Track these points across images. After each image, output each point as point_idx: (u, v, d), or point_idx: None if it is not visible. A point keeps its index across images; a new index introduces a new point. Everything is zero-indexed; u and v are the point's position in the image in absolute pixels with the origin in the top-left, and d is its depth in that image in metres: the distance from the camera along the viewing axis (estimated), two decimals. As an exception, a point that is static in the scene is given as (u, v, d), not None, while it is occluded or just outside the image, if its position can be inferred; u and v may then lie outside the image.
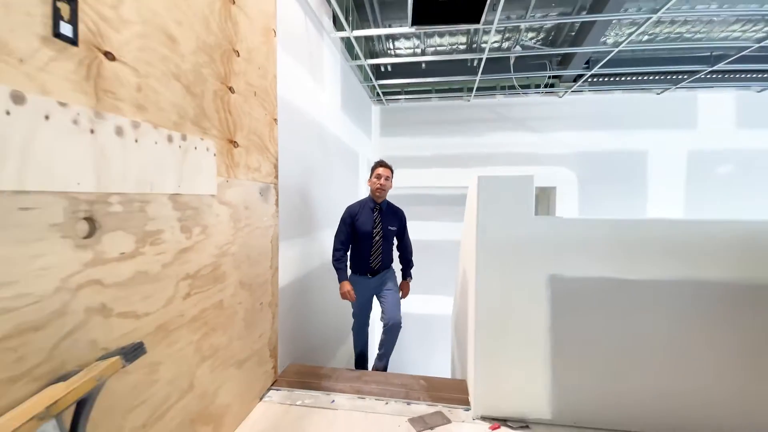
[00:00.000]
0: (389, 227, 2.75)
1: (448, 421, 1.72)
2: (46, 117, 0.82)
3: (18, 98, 0.76)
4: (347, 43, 3.78)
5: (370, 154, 5.17)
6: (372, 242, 2.68)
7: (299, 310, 2.74)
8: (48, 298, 0.83)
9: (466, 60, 4.38)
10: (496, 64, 4.24)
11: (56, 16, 0.84)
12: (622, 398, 1.65)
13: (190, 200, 1.32)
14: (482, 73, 4.20)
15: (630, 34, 3.41)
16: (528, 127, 4.97)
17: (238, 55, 1.63)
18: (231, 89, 1.58)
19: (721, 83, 4.38)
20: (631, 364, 1.64)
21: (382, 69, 4.50)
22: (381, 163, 2.72)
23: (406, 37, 4.05)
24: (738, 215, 4.55)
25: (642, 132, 4.69)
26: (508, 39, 4.07)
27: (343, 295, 2.63)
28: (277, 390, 1.98)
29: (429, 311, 5.58)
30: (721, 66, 3.94)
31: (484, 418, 1.74)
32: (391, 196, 2.93)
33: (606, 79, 4.47)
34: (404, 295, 2.87)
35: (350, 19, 3.34)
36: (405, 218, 2.91)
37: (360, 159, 4.44)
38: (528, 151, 5.00)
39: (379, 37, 4.04)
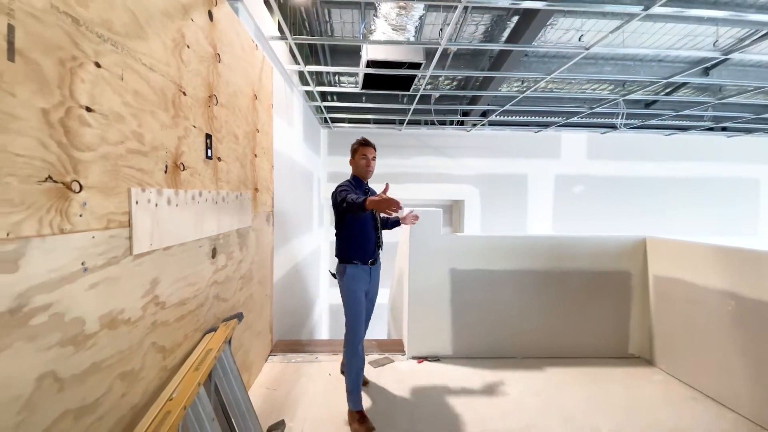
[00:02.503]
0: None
1: (392, 361, 2.77)
2: (205, 200, 1.67)
3: (196, 193, 1.62)
4: (305, 80, 4.59)
5: (320, 171, 6.04)
6: (376, 222, 2.30)
7: (280, 300, 3.57)
8: (203, 290, 1.68)
9: (398, 96, 5.47)
10: (421, 103, 5.41)
11: (206, 146, 1.69)
12: (492, 337, 2.86)
13: (242, 230, 2.17)
14: (412, 113, 5.33)
15: (522, 90, 4.76)
16: (445, 153, 6.31)
17: (258, 131, 2.49)
18: (255, 155, 2.43)
19: (577, 127, 6.11)
20: (497, 317, 2.85)
21: (329, 98, 5.37)
22: (367, 142, 2.33)
23: (350, 74, 4.98)
24: (585, 222, 6.38)
25: (524, 160, 6.31)
26: (430, 84, 5.25)
27: (387, 202, 1.79)
28: (275, 355, 2.85)
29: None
30: (575, 119, 5.58)
31: (413, 357, 2.83)
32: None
33: (501, 119, 5.92)
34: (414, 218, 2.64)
35: (303, 54, 4.16)
36: None
37: (314, 177, 5.30)
38: (445, 172, 6.34)
39: (327, 73, 4.90)
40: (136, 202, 1.15)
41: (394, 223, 2.63)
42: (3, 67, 0.75)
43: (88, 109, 0.97)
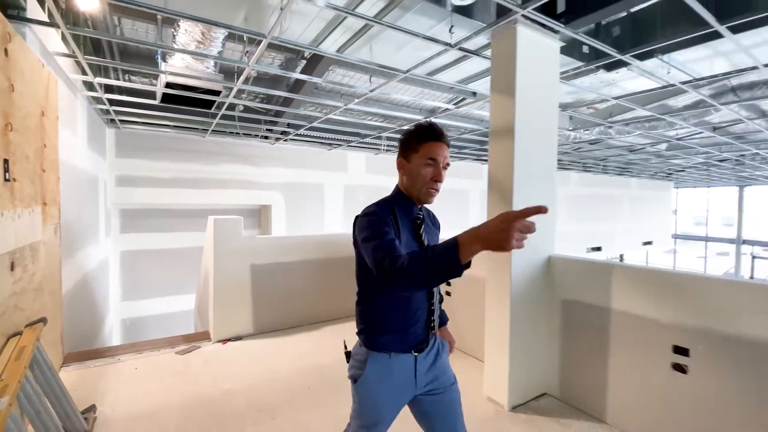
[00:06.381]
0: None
1: (199, 347, 3.27)
2: (5, 219, 1.87)
3: None
4: (91, 84, 4.29)
5: (107, 175, 5.51)
6: None
7: (70, 312, 3.38)
8: (5, 300, 1.86)
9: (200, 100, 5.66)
10: (225, 116, 5.80)
11: (4, 170, 1.87)
12: (287, 312, 3.73)
13: (34, 244, 2.28)
14: (217, 123, 5.63)
15: (316, 117, 5.80)
16: (252, 162, 6.87)
17: (45, 146, 2.54)
18: (44, 170, 2.49)
19: (359, 147, 7.78)
20: (290, 297, 3.74)
21: (117, 95, 5.03)
22: (439, 134, 1.20)
23: (144, 75, 4.87)
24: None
25: (321, 172, 7.62)
26: (235, 96, 5.70)
27: (514, 237, 0.80)
28: (68, 365, 2.88)
29: (174, 309, 6.48)
30: (358, 139, 7.17)
31: (219, 341, 3.40)
32: (130, 212, 3.89)
33: (302, 136, 6.94)
34: (451, 349, 1.46)
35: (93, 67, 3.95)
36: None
37: (99, 181, 4.88)
38: (253, 179, 6.90)
39: (115, 68, 4.63)
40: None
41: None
42: None
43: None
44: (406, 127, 6.53)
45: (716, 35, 2.73)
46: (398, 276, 0.92)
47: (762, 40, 3.47)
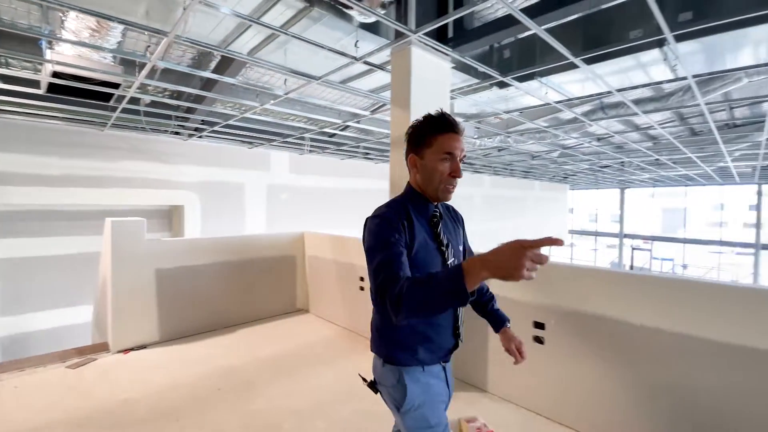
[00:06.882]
0: (459, 247, 1.25)
1: (95, 359, 3.05)
2: None
3: None
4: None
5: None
6: None
7: None
8: None
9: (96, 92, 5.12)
10: (130, 110, 5.34)
11: None
12: (196, 317, 3.62)
13: None
14: (118, 117, 5.15)
15: (242, 112, 5.59)
16: (161, 159, 6.39)
17: None
18: None
19: (282, 147, 7.69)
20: (200, 301, 3.63)
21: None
22: (452, 125, 1.09)
23: (26, 60, 4.28)
24: (291, 222, 8.11)
25: (242, 171, 7.38)
26: (140, 89, 5.26)
27: (526, 267, 0.76)
28: None
29: (67, 323, 5.77)
30: (281, 139, 7.08)
31: (119, 351, 3.20)
32: (8, 214, 3.42)
33: (219, 132, 6.65)
34: (520, 354, 1.31)
35: None
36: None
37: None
38: (162, 177, 6.42)
39: None
40: None
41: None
42: None
43: None
44: (326, 129, 6.69)
45: (575, 65, 3.33)
46: (395, 306, 0.86)
47: (618, 69, 4.26)
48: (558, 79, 4.50)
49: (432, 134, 1.08)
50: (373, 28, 2.95)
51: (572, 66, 3.57)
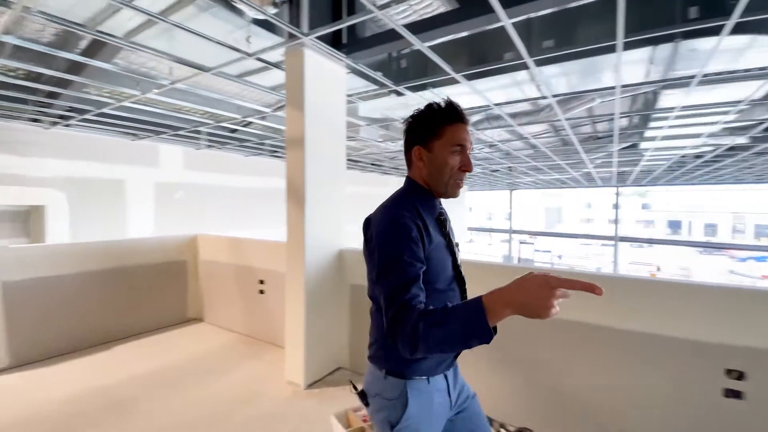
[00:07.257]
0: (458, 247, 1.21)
1: None
2: None
3: None
4: None
5: None
6: (464, 287, 1.11)
7: None
8: None
9: None
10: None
11: None
12: (60, 337, 3.11)
13: None
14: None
15: (120, 100, 4.86)
16: (14, 151, 5.28)
17: None
18: None
19: (174, 140, 6.98)
20: (65, 318, 3.13)
21: None
22: (460, 114, 1.03)
23: None
24: (185, 223, 7.43)
25: (122, 166, 6.48)
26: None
27: (554, 306, 0.74)
28: None
29: None
30: (171, 132, 6.41)
31: None
32: None
33: (91, 121, 5.75)
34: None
35: None
36: None
37: None
38: (16, 172, 5.31)
39: None
40: None
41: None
42: None
43: None
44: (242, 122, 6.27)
45: (459, 79, 3.72)
46: (410, 345, 0.80)
47: (498, 85, 4.85)
48: (449, 91, 4.94)
49: (442, 124, 0.99)
50: (267, 25, 2.89)
51: (457, 80, 3.98)
